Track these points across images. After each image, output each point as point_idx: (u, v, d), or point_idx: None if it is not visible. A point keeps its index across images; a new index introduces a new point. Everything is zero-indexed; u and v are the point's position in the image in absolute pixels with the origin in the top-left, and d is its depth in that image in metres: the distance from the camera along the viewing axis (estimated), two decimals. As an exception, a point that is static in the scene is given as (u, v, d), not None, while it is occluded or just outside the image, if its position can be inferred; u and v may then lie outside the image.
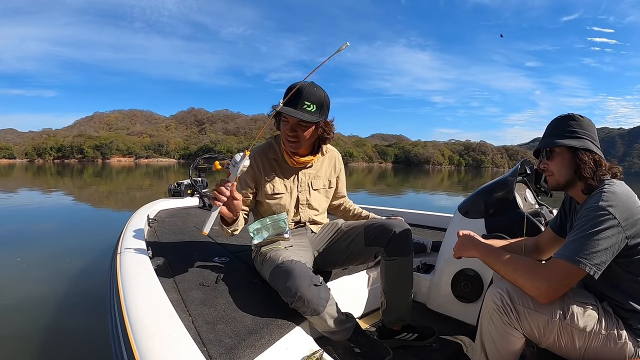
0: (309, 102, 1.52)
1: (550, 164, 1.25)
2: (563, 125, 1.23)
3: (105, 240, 4.63)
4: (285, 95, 1.49)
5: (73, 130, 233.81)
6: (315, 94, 1.54)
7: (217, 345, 1.14)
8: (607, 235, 1.04)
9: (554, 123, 1.26)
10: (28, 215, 7.84)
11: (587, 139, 1.19)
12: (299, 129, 1.57)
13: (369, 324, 1.90)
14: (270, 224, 1.66)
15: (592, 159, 1.17)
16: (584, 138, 1.19)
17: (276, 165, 1.72)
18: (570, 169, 1.20)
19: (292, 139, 1.59)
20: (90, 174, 30.04)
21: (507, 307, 1.12)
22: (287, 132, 1.58)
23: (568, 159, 1.20)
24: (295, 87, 1.46)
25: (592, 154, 1.18)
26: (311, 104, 1.53)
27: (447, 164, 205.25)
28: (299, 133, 1.58)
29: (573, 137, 1.20)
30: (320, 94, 1.56)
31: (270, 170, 1.71)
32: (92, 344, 2.41)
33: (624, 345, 1.09)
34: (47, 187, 16.19)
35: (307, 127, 1.58)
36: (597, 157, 1.18)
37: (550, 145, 1.23)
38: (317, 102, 1.55)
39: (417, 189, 20.09)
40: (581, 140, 1.19)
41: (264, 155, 1.71)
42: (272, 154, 1.72)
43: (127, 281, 1.44)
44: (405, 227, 1.64)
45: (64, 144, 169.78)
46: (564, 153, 1.21)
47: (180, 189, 4.33)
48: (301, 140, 1.60)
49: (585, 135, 1.20)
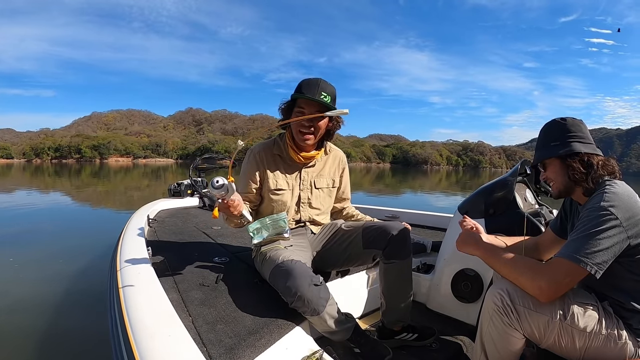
0: (325, 93, 1.56)
1: (548, 175, 1.28)
2: (548, 135, 1.26)
3: (105, 240, 4.62)
4: (301, 87, 1.56)
5: (71, 130, 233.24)
6: (329, 87, 1.59)
7: (217, 345, 1.14)
8: (609, 235, 1.04)
9: (541, 134, 1.29)
10: (27, 216, 7.81)
11: (573, 140, 1.21)
12: (315, 120, 1.60)
13: (368, 324, 1.89)
14: (270, 224, 1.65)
15: (581, 161, 1.18)
16: (568, 142, 1.21)
17: (280, 161, 1.74)
18: (565, 175, 1.22)
19: (308, 130, 1.61)
20: (88, 174, 29.97)
21: (508, 308, 1.12)
22: (305, 123, 1.59)
23: (559, 167, 1.23)
24: (310, 79, 1.55)
25: (579, 157, 1.19)
26: (327, 94, 1.57)
27: (445, 164, 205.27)
28: (315, 123, 1.61)
29: (557, 145, 1.22)
30: (332, 87, 1.62)
31: (274, 165, 1.72)
32: (92, 344, 2.41)
33: (624, 346, 1.09)
34: (46, 187, 16.15)
35: (322, 117, 1.62)
36: (587, 158, 1.18)
37: (537, 160, 1.29)
38: (331, 94, 1.59)
39: (415, 189, 20.11)
40: (567, 145, 1.21)
41: (268, 151, 1.73)
42: (276, 150, 1.73)
43: (127, 281, 1.44)
44: (404, 229, 1.64)
45: (61, 144, 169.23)
46: (554, 163, 1.24)
47: (180, 189, 4.33)
48: (316, 131, 1.63)
49: (569, 137, 1.21)
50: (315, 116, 1.55)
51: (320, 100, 1.54)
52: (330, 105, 1.58)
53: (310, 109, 1.58)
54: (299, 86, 1.59)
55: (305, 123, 1.59)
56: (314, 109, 1.58)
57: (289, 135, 1.71)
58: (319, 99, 1.54)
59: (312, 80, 1.58)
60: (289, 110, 1.64)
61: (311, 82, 1.57)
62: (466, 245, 1.35)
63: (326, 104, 1.56)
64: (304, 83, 1.58)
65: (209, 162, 4.43)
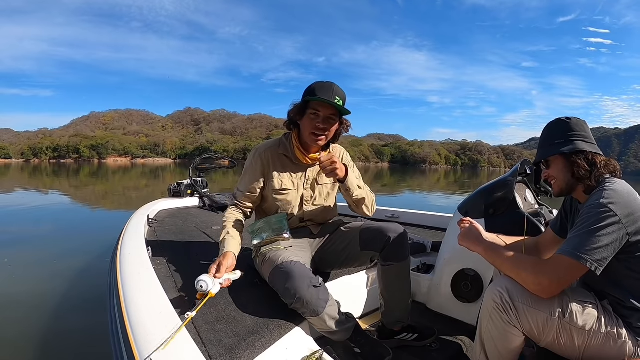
0: (339, 97, 1.57)
1: (550, 172, 1.29)
2: (552, 133, 1.27)
3: (105, 240, 4.62)
4: (315, 89, 1.58)
5: (69, 130, 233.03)
6: (342, 91, 1.60)
7: (217, 345, 1.14)
8: (609, 232, 1.05)
9: (545, 132, 1.30)
10: (26, 216, 7.80)
11: (578, 139, 1.22)
12: (328, 122, 1.61)
13: (368, 324, 1.89)
14: (270, 224, 1.65)
15: (585, 159, 1.19)
16: (573, 140, 1.22)
17: (286, 161, 1.74)
18: (568, 173, 1.23)
19: (321, 132, 1.61)
20: (86, 174, 29.92)
21: (507, 305, 1.12)
22: (319, 125, 1.60)
23: (563, 165, 1.24)
24: (324, 83, 1.59)
25: (584, 154, 1.20)
26: (340, 98, 1.58)
27: (443, 164, 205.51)
28: (329, 126, 1.62)
29: (562, 143, 1.23)
30: (344, 92, 1.63)
31: (279, 165, 1.72)
32: (92, 344, 2.41)
33: (623, 344, 1.10)
34: (44, 187, 16.11)
35: (335, 120, 1.63)
36: (591, 156, 1.20)
37: (542, 157, 1.29)
38: (344, 98, 1.61)
39: (414, 189, 20.11)
40: (571, 143, 1.21)
41: (274, 151, 1.73)
42: (282, 150, 1.73)
43: (127, 281, 1.44)
44: (401, 231, 1.64)
45: (60, 143, 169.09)
46: (558, 160, 1.25)
47: (180, 189, 4.33)
48: (329, 133, 1.64)
49: (574, 136, 1.22)
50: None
51: (335, 104, 1.56)
52: (344, 109, 1.60)
53: (325, 112, 1.59)
54: (312, 88, 1.59)
55: (320, 125, 1.60)
56: (329, 112, 1.59)
57: (295, 135, 1.71)
58: (335, 102, 1.55)
59: (326, 84, 1.59)
60: (301, 111, 1.64)
61: (326, 85, 1.58)
62: (467, 240, 1.36)
63: (340, 107, 1.58)
64: (318, 86, 1.58)
65: (208, 162, 4.43)
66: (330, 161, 1.52)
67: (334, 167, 1.53)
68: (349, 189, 1.65)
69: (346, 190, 1.66)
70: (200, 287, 1.29)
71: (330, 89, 1.56)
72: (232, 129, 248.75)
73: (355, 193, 1.67)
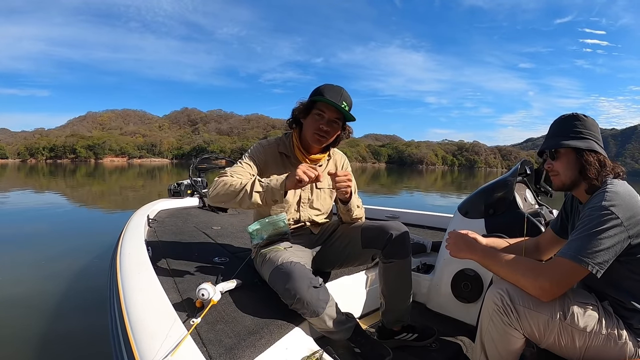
0: (346, 102, 1.59)
1: (555, 164, 1.24)
2: (568, 126, 1.22)
3: (105, 241, 4.62)
4: (323, 90, 1.59)
5: (66, 130, 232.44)
6: (349, 98, 1.62)
7: (217, 345, 1.13)
8: (610, 235, 1.04)
9: (558, 123, 1.25)
10: (26, 216, 7.77)
11: (592, 139, 1.19)
12: (332, 125, 1.62)
13: (368, 324, 1.89)
14: (269, 225, 1.65)
15: (597, 159, 1.17)
16: (588, 138, 1.19)
17: (286, 159, 1.74)
18: (575, 169, 1.20)
19: (324, 133, 1.62)
20: (83, 174, 29.79)
21: (508, 308, 1.12)
22: (323, 126, 1.61)
23: (573, 159, 1.20)
24: (334, 86, 1.60)
25: (596, 155, 1.18)
26: (347, 104, 1.60)
27: (440, 164, 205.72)
28: (330, 128, 1.63)
29: (578, 137, 1.20)
30: (351, 99, 1.64)
31: (279, 163, 1.72)
32: (92, 344, 2.40)
33: (624, 345, 1.10)
34: (41, 187, 16.05)
35: (339, 124, 1.65)
36: (602, 158, 1.18)
37: (555, 146, 1.23)
38: (350, 104, 1.62)
39: (411, 189, 20.14)
40: (586, 141, 1.19)
41: (274, 148, 1.73)
42: (282, 148, 1.73)
43: (127, 281, 1.44)
44: (403, 229, 1.64)
45: (56, 144, 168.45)
46: (569, 154, 1.21)
47: (180, 189, 4.33)
48: (330, 136, 1.65)
49: (589, 135, 1.20)
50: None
51: (341, 108, 1.57)
52: (349, 114, 1.61)
53: (330, 114, 1.60)
54: (320, 89, 1.59)
55: (324, 127, 1.61)
56: (334, 115, 1.60)
57: (296, 135, 1.71)
58: (341, 106, 1.56)
59: (335, 87, 1.60)
60: (307, 110, 1.64)
61: (334, 89, 1.59)
62: (459, 250, 1.33)
63: (346, 112, 1.59)
64: (326, 88, 1.59)
65: (208, 162, 4.43)
66: (346, 178, 1.54)
67: (348, 184, 1.55)
68: (350, 210, 1.69)
69: (347, 211, 1.70)
70: (201, 295, 1.30)
71: (339, 93, 1.58)
72: (229, 129, 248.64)
73: (355, 213, 1.71)
